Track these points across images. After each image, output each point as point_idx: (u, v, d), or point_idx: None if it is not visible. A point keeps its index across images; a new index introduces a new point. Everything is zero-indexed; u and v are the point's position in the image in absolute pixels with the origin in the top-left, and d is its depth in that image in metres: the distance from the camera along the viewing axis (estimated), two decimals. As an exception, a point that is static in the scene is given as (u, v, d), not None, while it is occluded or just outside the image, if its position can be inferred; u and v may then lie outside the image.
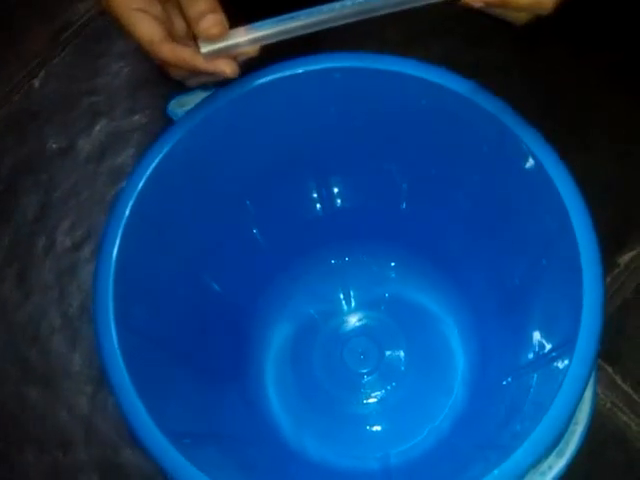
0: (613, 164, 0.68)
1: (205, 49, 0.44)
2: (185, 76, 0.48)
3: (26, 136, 0.73)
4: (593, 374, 0.46)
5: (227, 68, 0.45)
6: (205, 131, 0.48)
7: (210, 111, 0.48)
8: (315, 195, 0.59)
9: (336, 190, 0.59)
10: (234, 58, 0.45)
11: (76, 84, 0.74)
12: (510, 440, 0.43)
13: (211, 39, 0.44)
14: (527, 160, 0.45)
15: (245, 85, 0.48)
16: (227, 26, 0.44)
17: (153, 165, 0.47)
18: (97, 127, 0.73)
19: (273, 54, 0.49)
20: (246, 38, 0.44)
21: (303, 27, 0.44)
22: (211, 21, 0.43)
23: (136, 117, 0.73)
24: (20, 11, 0.77)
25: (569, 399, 0.41)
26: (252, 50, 0.45)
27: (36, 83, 0.75)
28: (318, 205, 0.60)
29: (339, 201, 0.60)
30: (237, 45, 0.45)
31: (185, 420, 0.51)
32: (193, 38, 0.46)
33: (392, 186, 0.58)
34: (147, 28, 0.45)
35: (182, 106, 0.49)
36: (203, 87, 0.49)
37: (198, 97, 0.49)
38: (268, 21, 0.44)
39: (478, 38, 0.73)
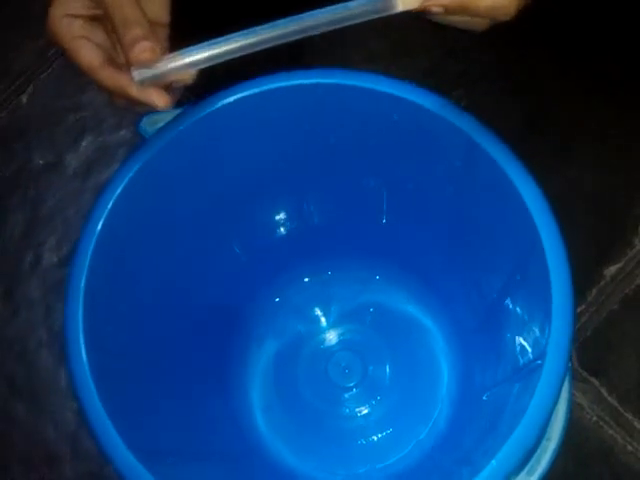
0: (598, 177, 0.68)
1: (137, 76, 0.43)
2: (126, 104, 0.48)
3: (13, 152, 0.74)
4: (566, 389, 0.46)
5: (158, 100, 0.44)
6: (177, 149, 0.48)
7: (181, 128, 0.48)
8: (295, 211, 0.59)
9: (316, 206, 0.59)
10: (168, 87, 0.45)
11: (63, 100, 0.75)
12: (481, 457, 0.43)
13: (141, 64, 0.43)
14: (497, 176, 0.45)
15: (217, 102, 0.48)
16: (159, 53, 0.43)
17: (123, 183, 0.47)
18: (84, 143, 0.73)
19: (250, 69, 0.49)
20: (178, 64, 0.43)
21: (238, 50, 0.43)
22: (142, 47, 0.43)
23: (122, 132, 0.73)
24: (8, 27, 0.77)
25: (537, 416, 0.41)
26: (187, 76, 0.44)
27: (24, 99, 0.75)
28: (299, 221, 0.60)
29: (320, 217, 0.60)
30: (170, 71, 0.43)
31: (166, 439, 0.51)
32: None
33: (371, 201, 0.58)
34: (87, 54, 0.45)
35: (154, 124, 0.49)
36: (182, 100, 0.49)
37: (170, 115, 0.49)
38: (202, 45, 0.43)
39: (463, 49, 0.73)
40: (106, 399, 0.44)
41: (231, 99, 0.48)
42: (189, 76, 0.44)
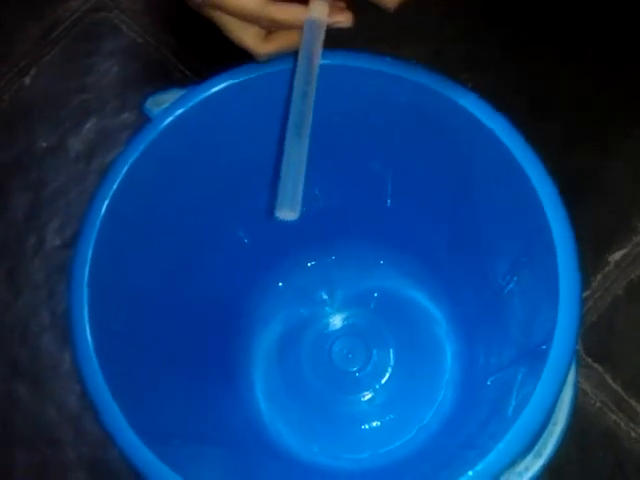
0: (604, 163, 0.68)
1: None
2: (284, 47, 0.47)
3: (16, 134, 0.73)
4: (573, 373, 0.46)
5: (344, 17, 0.45)
6: (182, 129, 0.48)
7: (187, 109, 0.48)
8: (300, 194, 0.59)
9: (321, 189, 0.59)
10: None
11: (66, 82, 0.74)
12: (487, 441, 0.43)
13: None
14: (504, 158, 0.45)
15: (222, 83, 0.48)
16: None
17: (128, 164, 0.46)
18: (87, 125, 0.73)
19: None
20: None
21: None
22: None
23: (125, 115, 0.73)
24: (11, 9, 0.77)
25: (543, 401, 0.40)
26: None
27: (26, 81, 0.75)
28: (303, 204, 0.59)
29: (324, 200, 0.60)
30: None
31: (171, 421, 0.51)
32: None
33: (376, 184, 0.57)
34: None
35: (158, 104, 0.48)
36: (180, 85, 0.49)
37: (175, 95, 0.48)
38: None
39: (469, 35, 0.73)
40: (110, 380, 0.44)
41: (236, 80, 0.48)
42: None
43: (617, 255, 0.65)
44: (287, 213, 0.43)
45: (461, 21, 0.74)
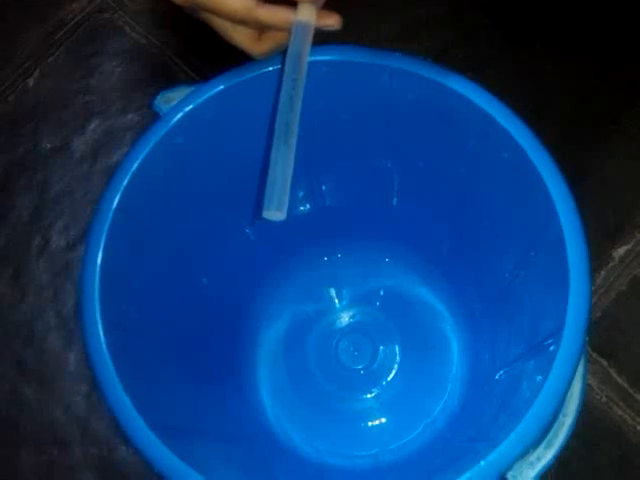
0: (608, 159, 0.68)
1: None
2: (275, 48, 0.47)
3: (20, 136, 0.73)
4: (582, 366, 0.46)
5: (332, 20, 0.45)
6: (191, 126, 0.48)
7: (196, 106, 0.48)
8: (307, 192, 0.59)
9: (328, 187, 0.59)
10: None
11: (70, 83, 0.75)
12: (498, 432, 0.43)
13: None
14: (513, 152, 0.45)
15: (232, 79, 0.48)
16: None
17: (138, 161, 0.46)
18: (91, 126, 0.73)
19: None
20: None
21: None
22: None
23: (130, 116, 0.73)
24: (14, 11, 0.77)
25: (554, 391, 0.41)
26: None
27: (30, 83, 0.75)
28: (310, 202, 0.60)
29: (331, 198, 0.60)
30: None
31: (176, 416, 0.51)
32: None
33: (383, 181, 0.57)
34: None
35: (168, 101, 0.48)
36: (189, 82, 0.49)
37: (184, 92, 0.48)
38: None
39: (472, 33, 0.73)
40: (121, 376, 0.44)
41: (244, 77, 0.48)
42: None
43: (621, 251, 0.66)
44: (274, 214, 0.43)
45: (462, 21, 0.74)
